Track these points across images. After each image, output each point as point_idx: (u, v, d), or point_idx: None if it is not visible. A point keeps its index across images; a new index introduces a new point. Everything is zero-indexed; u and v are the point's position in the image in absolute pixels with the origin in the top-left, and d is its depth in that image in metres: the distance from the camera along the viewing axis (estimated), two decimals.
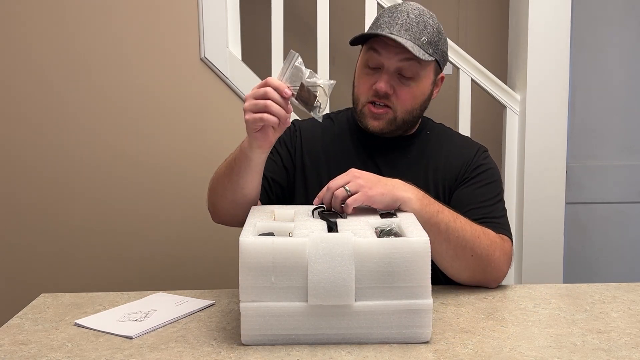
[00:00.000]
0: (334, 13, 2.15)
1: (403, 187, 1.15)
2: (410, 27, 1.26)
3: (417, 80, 1.29)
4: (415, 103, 1.31)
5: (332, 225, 1.05)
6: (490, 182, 1.34)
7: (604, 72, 2.55)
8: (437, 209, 1.16)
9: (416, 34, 1.26)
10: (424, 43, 1.26)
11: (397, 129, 1.33)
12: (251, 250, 0.93)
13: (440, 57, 1.31)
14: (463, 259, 1.18)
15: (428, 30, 1.27)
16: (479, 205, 1.29)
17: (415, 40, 1.25)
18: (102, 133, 2.06)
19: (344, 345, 0.96)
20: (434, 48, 1.28)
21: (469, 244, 1.17)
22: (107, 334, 1.03)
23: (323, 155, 1.40)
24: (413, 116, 1.33)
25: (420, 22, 1.27)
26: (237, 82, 2.06)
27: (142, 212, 2.09)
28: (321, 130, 1.43)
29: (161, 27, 2.04)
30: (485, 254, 1.19)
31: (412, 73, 1.28)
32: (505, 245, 1.24)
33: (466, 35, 2.74)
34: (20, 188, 2.07)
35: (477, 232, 1.19)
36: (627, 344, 0.97)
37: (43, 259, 2.09)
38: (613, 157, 2.58)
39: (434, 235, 1.12)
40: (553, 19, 2.10)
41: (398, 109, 1.30)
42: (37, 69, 2.03)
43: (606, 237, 2.60)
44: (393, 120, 1.31)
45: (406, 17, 1.27)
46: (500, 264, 1.22)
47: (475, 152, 1.37)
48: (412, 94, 1.30)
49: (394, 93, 1.29)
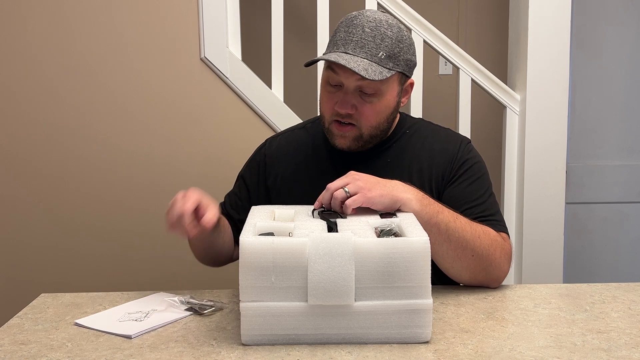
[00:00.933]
0: (334, 13, 2.15)
1: (403, 188, 1.15)
2: (366, 43, 1.21)
3: (380, 96, 1.26)
4: (380, 117, 1.28)
5: (332, 225, 1.05)
6: (479, 176, 1.33)
7: (604, 72, 2.55)
8: (437, 209, 1.16)
9: (372, 49, 1.21)
10: (382, 58, 1.22)
11: (366, 144, 1.31)
12: (251, 250, 0.93)
13: (403, 67, 1.26)
14: (464, 260, 1.18)
15: (386, 43, 1.22)
16: (473, 204, 1.28)
17: (372, 58, 1.21)
18: (102, 133, 2.06)
19: (344, 345, 0.96)
20: (395, 61, 1.23)
21: (470, 244, 1.17)
22: (107, 334, 1.03)
23: (300, 172, 1.39)
24: (380, 130, 1.30)
25: (376, 35, 1.22)
26: (237, 82, 2.06)
27: (142, 212, 2.09)
28: (295, 145, 1.43)
29: (161, 27, 2.04)
30: (486, 254, 1.19)
31: (373, 90, 1.24)
32: (506, 245, 1.24)
33: (466, 35, 2.74)
34: (21, 188, 2.07)
35: (478, 232, 1.19)
36: (627, 344, 0.97)
37: (43, 259, 2.09)
38: (613, 157, 2.58)
39: (434, 236, 1.12)
40: (553, 19, 2.10)
41: (362, 125, 1.27)
42: (38, 69, 2.03)
43: (606, 237, 2.60)
44: (359, 137, 1.29)
45: (361, 32, 1.22)
46: (501, 263, 1.22)
47: (459, 147, 1.35)
48: (375, 110, 1.26)
49: (357, 111, 1.26)
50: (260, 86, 2.07)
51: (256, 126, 2.07)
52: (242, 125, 2.08)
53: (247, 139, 2.08)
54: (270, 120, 2.07)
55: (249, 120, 2.07)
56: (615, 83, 2.55)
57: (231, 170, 2.09)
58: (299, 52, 2.41)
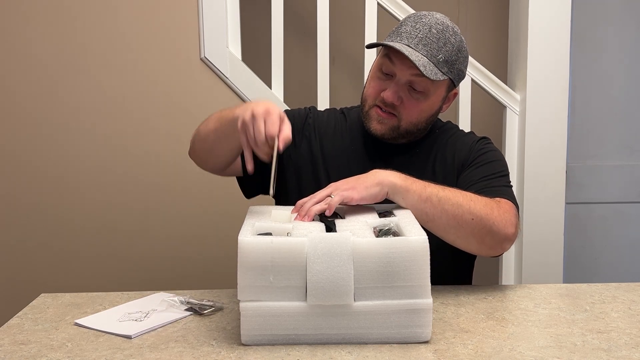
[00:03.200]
0: (334, 13, 2.15)
1: (385, 173, 1.16)
2: (430, 42, 1.24)
3: (427, 95, 1.28)
4: (422, 117, 1.31)
5: (331, 225, 1.05)
6: (491, 161, 1.33)
7: (604, 72, 2.55)
8: (423, 184, 1.16)
9: (434, 50, 1.24)
10: (440, 61, 1.25)
11: (399, 137, 1.33)
12: (250, 249, 0.93)
13: (455, 75, 1.30)
14: (465, 225, 1.16)
15: (447, 48, 1.26)
16: (478, 181, 1.29)
17: (431, 57, 1.24)
18: (102, 133, 2.06)
19: (344, 345, 0.96)
20: (450, 67, 1.27)
21: (465, 208, 1.15)
22: (107, 334, 1.03)
23: (334, 150, 1.39)
24: (418, 128, 1.33)
25: (441, 38, 1.25)
26: (237, 82, 2.06)
27: (142, 212, 2.09)
28: (333, 124, 1.43)
29: (161, 27, 2.04)
30: (484, 213, 1.16)
31: (423, 88, 1.27)
32: (503, 205, 1.21)
33: (466, 35, 2.73)
34: (20, 188, 2.07)
35: (469, 196, 1.18)
36: (627, 344, 0.97)
37: (43, 259, 2.09)
38: (613, 157, 2.58)
39: (429, 210, 1.13)
40: (553, 19, 2.10)
41: (403, 119, 1.30)
42: (38, 69, 2.03)
43: (606, 237, 2.60)
44: (396, 128, 1.31)
45: (428, 31, 1.25)
46: (502, 221, 1.18)
47: (478, 140, 1.39)
48: (419, 107, 1.29)
49: (402, 104, 1.28)
50: (260, 86, 2.07)
51: None
52: None
53: None
54: None
55: None
56: (615, 83, 2.55)
57: None
58: (299, 52, 2.41)
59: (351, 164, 1.35)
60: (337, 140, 1.40)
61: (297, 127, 1.40)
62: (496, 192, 1.25)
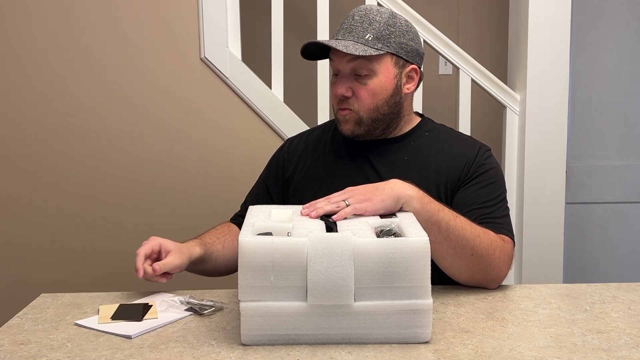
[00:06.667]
0: (334, 13, 2.15)
1: (402, 186, 1.15)
2: (354, 28, 1.29)
3: (373, 77, 1.30)
4: (377, 99, 1.31)
5: (332, 225, 1.05)
6: (492, 182, 1.33)
7: (604, 72, 2.55)
8: (437, 207, 1.16)
9: (360, 33, 1.29)
10: (369, 40, 1.28)
11: (371, 129, 1.34)
12: (250, 249, 0.93)
13: (396, 49, 1.30)
14: (463, 258, 1.18)
15: (374, 26, 1.29)
16: (480, 205, 1.28)
17: (358, 40, 1.28)
18: (102, 133, 2.06)
19: (344, 345, 0.96)
20: (384, 42, 1.28)
21: (469, 243, 1.17)
22: (107, 334, 1.03)
23: (318, 165, 1.42)
24: (381, 113, 1.33)
25: (364, 21, 1.30)
26: (237, 82, 2.05)
27: (142, 212, 2.09)
28: (313, 142, 1.47)
29: (161, 27, 2.04)
30: (485, 253, 1.19)
31: (367, 70, 1.30)
32: (506, 246, 1.24)
33: (466, 35, 2.74)
34: (20, 188, 2.07)
35: (477, 231, 1.19)
36: (627, 344, 0.97)
37: (43, 259, 2.09)
38: (613, 157, 2.58)
39: (434, 235, 1.13)
40: (553, 19, 2.09)
41: (360, 108, 1.32)
42: (38, 69, 2.03)
43: (606, 237, 2.60)
44: (359, 121, 1.33)
45: (351, 20, 1.31)
46: (500, 264, 1.22)
47: (477, 152, 1.36)
48: (370, 91, 1.31)
49: (354, 95, 1.31)
50: (260, 86, 2.07)
51: (256, 126, 2.08)
52: (242, 125, 2.08)
53: (246, 139, 2.08)
54: (270, 120, 2.07)
55: (249, 120, 2.07)
56: (615, 83, 2.55)
57: (231, 170, 2.10)
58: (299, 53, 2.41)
59: (338, 171, 1.38)
60: (317, 156, 1.43)
61: (279, 168, 1.48)
62: (500, 227, 1.26)
